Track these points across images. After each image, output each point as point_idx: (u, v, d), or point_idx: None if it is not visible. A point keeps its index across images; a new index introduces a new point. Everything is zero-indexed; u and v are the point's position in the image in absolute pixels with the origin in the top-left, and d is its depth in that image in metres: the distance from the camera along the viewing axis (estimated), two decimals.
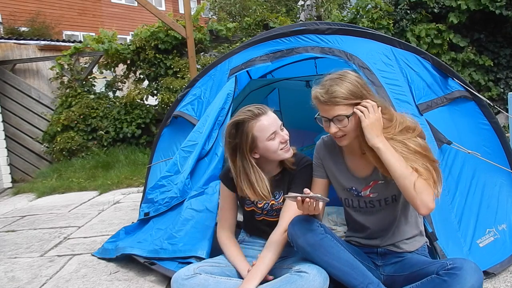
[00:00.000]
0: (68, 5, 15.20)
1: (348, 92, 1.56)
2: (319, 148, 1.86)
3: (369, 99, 1.59)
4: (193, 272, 1.74)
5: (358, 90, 1.58)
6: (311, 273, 1.58)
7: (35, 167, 6.20)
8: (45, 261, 2.57)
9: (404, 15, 5.93)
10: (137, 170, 5.21)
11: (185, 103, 2.69)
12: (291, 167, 1.88)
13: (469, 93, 2.33)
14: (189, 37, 5.17)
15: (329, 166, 1.81)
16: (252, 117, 1.76)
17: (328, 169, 1.82)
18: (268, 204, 1.92)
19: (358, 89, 1.58)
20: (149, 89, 6.23)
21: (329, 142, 1.82)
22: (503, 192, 2.26)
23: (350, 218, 1.85)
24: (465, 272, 1.40)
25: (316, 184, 1.85)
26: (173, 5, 19.62)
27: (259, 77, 3.59)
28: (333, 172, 1.80)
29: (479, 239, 2.04)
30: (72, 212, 3.83)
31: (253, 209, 1.96)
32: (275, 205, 1.92)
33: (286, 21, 6.43)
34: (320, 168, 1.84)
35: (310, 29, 2.34)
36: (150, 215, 2.46)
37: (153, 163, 2.89)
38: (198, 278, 1.72)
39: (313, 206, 1.58)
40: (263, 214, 1.95)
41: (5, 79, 6.16)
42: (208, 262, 1.90)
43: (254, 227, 2.02)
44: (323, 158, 1.83)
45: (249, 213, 1.98)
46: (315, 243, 1.61)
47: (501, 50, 5.99)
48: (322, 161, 1.83)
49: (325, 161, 1.82)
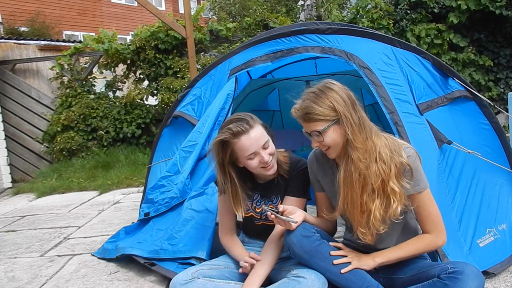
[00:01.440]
0: (68, 5, 15.19)
1: (323, 109, 1.50)
2: (311, 162, 1.81)
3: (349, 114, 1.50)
4: (191, 276, 1.73)
5: (338, 106, 1.50)
6: (309, 278, 1.57)
7: (35, 167, 6.20)
8: (45, 261, 2.57)
9: (404, 15, 5.93)
10: (137, 170, 5.21)
11: (185, 103, 2.69)
12: (284, 174, 1.85)
13: (470, 93, 2.33)
14: (189, 37, 5.17)
15: (323, 180, 1.78)
16: (231, 137, 1.70)
17: (323, 183, 1.79)
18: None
19: (337, 105, 1.50)
20: (149, 89, 6.23)
21: (320, 155, 1.77)
22: (503, 192, 2.26)
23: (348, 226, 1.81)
24: (466, 276, 1.40)
25: (319, 199, 1.83)
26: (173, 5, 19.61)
27: (259, 77, 3.59)
28: (328, 186, 1.76)
29: (479, 239, 2.04)
30: (72, 212, 3.83)
31: (251, 215, 1.94)
32: (264, 210, 1.88)
33: (286, 21, 6.43)
34: (317, 182, 1.81)
35: (310, 29, 2.34)
36: (150, 215, 2.46)
37: (153, 163, 2.89)
38: (197, 283, 1.70)
39: (283, 223, 1.61)
40: (262, 219, 1.93)
41: (5, 79, 6.16)
42: (206, 264, 1.89)
43: (253, 231, 2.02)
44: (316, 172, 1.79)
45: (248, 219, 1.96)
46: (311, 249, 1.60)
47: (501, 50, 5.99)
48: (315, 175, 1.80)
49: (319, 175, 1.79)
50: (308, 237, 1.61)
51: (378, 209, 1.52)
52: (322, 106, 1.51)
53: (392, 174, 1.51)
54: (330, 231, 1.83)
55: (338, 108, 1.50)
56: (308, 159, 1.83)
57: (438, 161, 2.03)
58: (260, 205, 1.92)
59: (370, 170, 1.50)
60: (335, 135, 1.53)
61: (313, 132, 1.55)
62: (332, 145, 1.56)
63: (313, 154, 1.80)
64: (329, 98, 1.51)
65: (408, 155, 1.55)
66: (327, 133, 1.53)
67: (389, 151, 1.53)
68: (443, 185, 2.02)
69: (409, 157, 1.54)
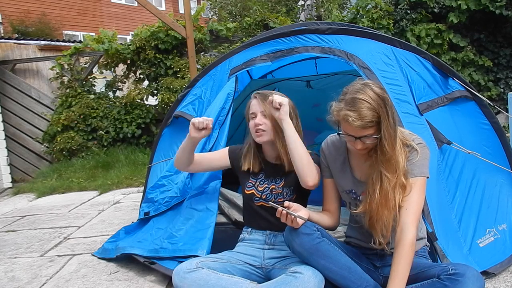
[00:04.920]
0: (68, 5, 15.20)
1: (377, 113, 1.49)
2: (325, 147, 1.84)
3: (393, 118, 1.52)
4: (196, 266, 1.74)
5: (385, 110, 1.50)
6: (306, 274, 1.58)
7: (35, 167, 6.20)
8: (45, 261, 2.57)
9: (404, 15, 5.93)
10: (137, 170, 5.21)
11: (186, 103, 2.69)
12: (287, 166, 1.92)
13: (470, 93, 2.33)
14: (189, 37, 5.18)
15: (333, 166, 1.81)
16: (254, 95, 1.99)
17: (332, 169, 1.81)
18: (268, 188, 1.95)
19: (385, 109, 1.50)
20: (149, 89, 6.23)
21: (337, 142, 1.80)
22: (503, 192, 2.26)
23: (353, 221, 1.84)
24: (467, 279, 1.40)
25: (327, 185, 1.85)
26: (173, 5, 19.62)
27: (260, 77, 3.59)
28: (337, 172, 1.79)
29: (479, 239, 2.04)
30: (72, 212, 3.83)
31: (252, 192, 1.98)
32: (275, 190, 1.94)
33: (286, 21, 6.43)
34: (326, 169, 1.83)
35: (310, 29, 2.34)
36: (150, 215, 2.46)
37: (153, 163, 2.88)
38: (200, 273, 1.72)
39: (290, 221, 1.61)
40: (262, 199, 1.95)
41: (5, 79, 6.16)
42: (210, 257, 1.90)
43: (253, 215, 2.00)
44: (328, 157, 1.82)
45: (248, 196, 1.99)
46: (311, 247, 1.60)
47: (501, 50, 5.99)
48: (327, 161, 1.83)
49: (330, 161, 1.81)
50: (309, 235, 1.61)
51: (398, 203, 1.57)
52: (377, 111, 1.49)
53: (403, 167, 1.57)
54: (332, 226, 1.85)
55: (381, 114, 1.50)
56: (322, 144, 1.87)
57: (438, 162, 2.03)
58: (263, 184, 1.97)
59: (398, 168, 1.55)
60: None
61: (364, 137, 1.54)
62: (371, 147, 1.58)
63: (327, 141, 1.85)
64: (376, 102, 1.49)
65: (419, 142, 1.62)
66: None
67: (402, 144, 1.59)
68: (443, 185, 2.02)
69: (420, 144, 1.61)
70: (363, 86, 1.53)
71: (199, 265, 1.75)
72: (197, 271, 1.72)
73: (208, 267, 1.76)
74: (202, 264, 1.76)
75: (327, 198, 1.85)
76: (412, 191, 1.58)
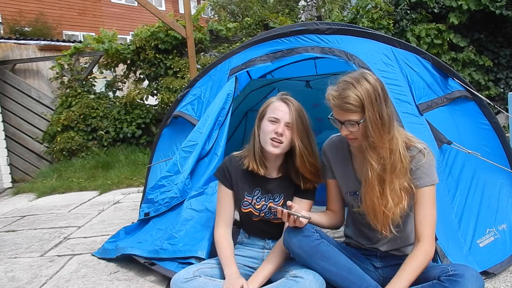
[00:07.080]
0: (68, 5, 15.20)
1: (361, 99, 1.48)
2: (326, 148, 1.82)
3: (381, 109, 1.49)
4: (193, 274, 1.73)
5: (373, 97, 1.48)
6: (307, 279, 1.57)
7: (35, 167, 6.20)
8: (45, 261, 2.57)
9: (404, 15, 5.93)
10: (137, 170, 5.21)
11: (185, 103, 2.69)
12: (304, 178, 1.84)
13: (469, 93, 2.33)
14: (189, 37, 5.18)
15: (335, 167, 1.79)
16: (277, 97, 1.84)
17: (335, 170, 1.80)
18: (266, 205, 1.88)
19: (373, 96, 1.48)
20: (149, 89, 6.23)
21: (338, 142, 1.79)
22: (503, 192, 2.26)
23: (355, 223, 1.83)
24: (466, 280, 1.40)
25: (330, 186, 1.84)
26: (173, 5, 19.61)
27: (259, 77, 3.59)
28: (340, 173, 1.78)
29: (479, 239, 2.04)
30: (72, 212, 3.83)
31: (250, 211, 1.90)
32: (274, 208, 1.88)
33: (286, 21, 6.43)
34: (329, 169, 1.82)
35: (310, 29, 2.34)
36: (150, 215, 2.46)
37: (153, 163, 2.89)
38: (198, 281, 1.71)
39: (292, 221, 1.60)
40: (260, 217, 1.91)
41: (5, 79, 6.16)
42: (208, 263, 1.89)
43: (252, 227, 1.98)
44: (330, 159, 1.80)
45: (246, 214, 1.93)
46: (310, 249, 1.60)
47: (501, 50, 5.99)
48: (329, 163, 1.81)
49: (332, 162, 1.80)
50: (308, 237, 1.61)
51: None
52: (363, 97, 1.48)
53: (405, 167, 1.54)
54: (335, 225, 1.84)
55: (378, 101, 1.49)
56: (323, 146, 1.84)
57: (438, 162, 2.03)
58: (260, 201, 1.89)
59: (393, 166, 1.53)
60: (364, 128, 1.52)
61: (347, 121, 1.53)
62: (360, 136, 1.54)
63: (330, 141, 1.82)
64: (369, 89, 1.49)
65: (424, 147, 1.58)
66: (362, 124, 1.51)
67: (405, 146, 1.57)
68: (443, 185, 2.02)
69: (425, 149, 1.58)
70: (358, 73, 1.55)
71: (197, 273, 1.74)
72: (194, 280, 1.71)
73: (205, 274, 1.75)
74: (199, 272, 1.75)
75: (331, 199, 1.85)
76: (425, 203, 1.56)
